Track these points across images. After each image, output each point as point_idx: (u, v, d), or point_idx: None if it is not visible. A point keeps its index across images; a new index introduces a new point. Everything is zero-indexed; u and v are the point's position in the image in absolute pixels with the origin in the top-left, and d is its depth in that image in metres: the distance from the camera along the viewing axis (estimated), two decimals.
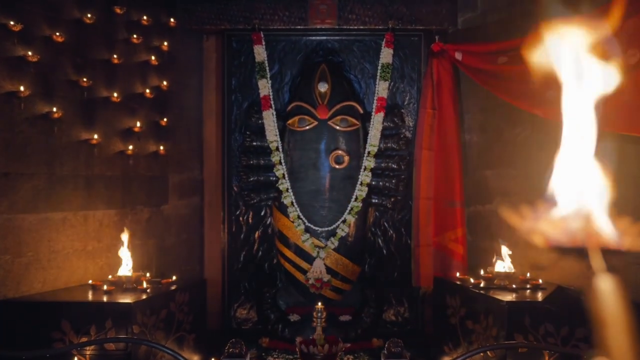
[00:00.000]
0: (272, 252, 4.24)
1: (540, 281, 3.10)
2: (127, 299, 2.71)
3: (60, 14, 3.09)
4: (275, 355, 3.67)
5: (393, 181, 4.07)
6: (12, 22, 2.80)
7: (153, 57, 3.70)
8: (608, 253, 0.64)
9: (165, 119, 3.82)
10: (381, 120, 3.98)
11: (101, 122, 3.33)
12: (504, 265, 3.25)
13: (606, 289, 0.62)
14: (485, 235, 3.80)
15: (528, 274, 3.21)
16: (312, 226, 3.92)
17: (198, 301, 3.36)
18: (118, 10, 3.44)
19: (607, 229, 0.62)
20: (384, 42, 4.02)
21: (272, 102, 4.02)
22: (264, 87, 4.01)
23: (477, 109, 3.95)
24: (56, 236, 3.02)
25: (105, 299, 2.77)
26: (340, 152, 3.90)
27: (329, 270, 3.90)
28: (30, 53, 2.87)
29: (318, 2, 4.00)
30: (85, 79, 3.18)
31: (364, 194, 3.94)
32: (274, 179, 4.02)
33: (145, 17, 3.63)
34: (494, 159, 3.79)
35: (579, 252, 0.64)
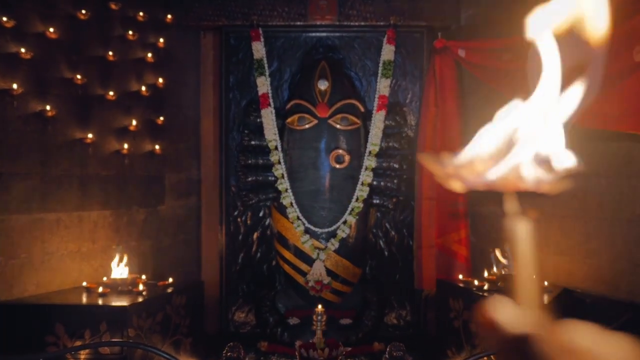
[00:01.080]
0: (271, 254, 4.25)
1: (546, 283, 3.10)
2: (122, 302, 2.71)
3: (55, 10, 3.09)
4: None
5: (395, 181, 4.07)
6: (4, 18, 2.80)
7: (149, 54, 3.70)
8: (526, 196, 0.65)
9: (161, 118, 3.82)
10: (382, 119, 3.98)
11: (96, 121, 3.33)
12: (507, 266, 3.25)
13: (518, 231, 0.64)
14: (489, 237, 3.80)
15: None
16: (311, 227, 3.92)
17: (195, 304, 3.36)
18: (113, 6, 3.44)
19: (526, 172, 0.63)
20: (385, 39, 4.02)
21: (271, 100, 4.02)
22: (263, 84, 4.01)
23: (481, 107, 3.95)
24: (50, 237, 3.03)
25: (100, 301, 2.77)
26: (340, 151, 3.90)
27: (329, 272, 3.90)
28: (23, 50, 2.87)
29: None
30: (79, 77, 3.18)
31: (365, 195, 3.94)
32: (273, 178, 4.02)
33: (141, 13, 3.63)
34: None
35: (495, 196, 0.65)
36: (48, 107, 3.00)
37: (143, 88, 3.65)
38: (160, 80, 3.80)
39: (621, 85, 2.57)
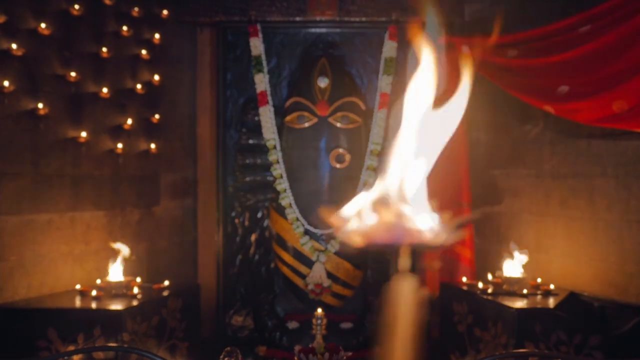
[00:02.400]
0: (270, 256, 4.24)
1: (552, 287, 3.10)
2: (116, 306, 2.71)
3: (47, 5, 3.09)
4: None
5: None
6: None
7: (144, 51, 3.69)
8: (422, 249, 0.71)
9: (156, 116, 3.81)
10: (384, 117, 3.98)
11: (89, 119, 3.33)
12: (513, 269, 3.24)
13: (405, 287, 0.69)
14: (494, 238, 3.80)
15: (539, 279, 3.21)
16: (311, 228, 3.91)
17: (191, 307, 3.36)
18: (107, 2, 3.43)
19: (423, 226, 0.68)
20: (387, 35, 4.01)
21: (269, 98, 4.01)
22: (261, 82, 4.01)
23: (485, 105, 3.95)
24: (41, 239, 3.02)
25: (93, 305, 2.76)
26: (341, 150, 3.90)
27: (329, 275, 3.90)
28: (14, 46, 2.86)
29: None
30: (72, 74, 3.17)
31: None
32: (272, 178, 4.01)
33: (135, 9, 3.63)
34: (503, 158, 3.79)
35: (392, 250, 0.69)
36: (40, 105, 2.99)
37: (138, 85, 3.65)
38: (156, 77, 3.79)
39: (629, 82, 2.56)
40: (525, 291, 3.00)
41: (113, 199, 3.49)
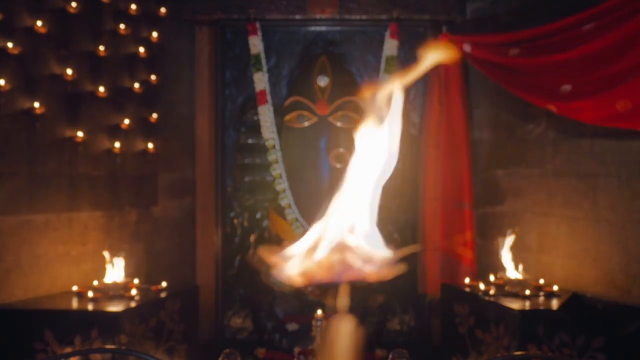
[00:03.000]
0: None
1: (555, 288, 3.10)
2: (114, 307, 2.71)
3: (43, 3, 3.09)
4: None
5: (397, 182, 4.07)
6: None
7: (142, 49, 3.69)
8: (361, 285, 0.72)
9: (154, 115, 3.81)
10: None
11: (86, 118, 3.33)
12: (514, 269, 3.25)
13: (343, 327, 0.70)
14: (496, 239, 3.79)
15: (541, 281, 3.21)
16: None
17: (190, 309, 3.36)
18: None
19: (363, 263, 0.69)
20: (388, 33, 4.01)
21: (268, 97, 4.01)
22: (260, 80, 4.01)
23: (487, 105, 3.95)
24: (38, 240, 3.02)
25: (90, 307, 2.76)
26: (341, 150, 3.90)
27: None
28: (10, 45, 2.86)
29: None
30: (69, 72, 3.17)
31: None
32: (271, 178, 4.01)
33: (133, 6, 3.63)
34: (506, 158, 3.79)
35: (333, 288, 0.71)
36: (36, 104, 2.99)
37: (135, 84, 3.65)
38: (153, 76, 3.79)
39: (633, 80, 2.56)
40: (527, 292, 3.00)
41: (110, 199, 3.49)
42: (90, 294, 2.91)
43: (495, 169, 3.87)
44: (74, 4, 3.21)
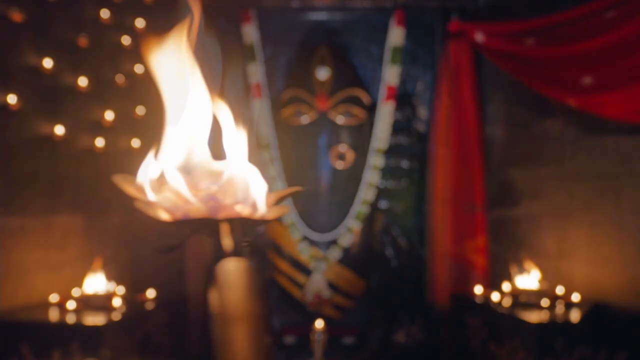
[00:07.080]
0: (264, 265, 4.24)
1: (575, 297, 3.10)
2: (96, 319, 2.70)
3: None
4: None
5: (404, 182, 4.06)
6: None
7: (126, 39, 3.69)
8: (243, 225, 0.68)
9: (140, 110, 3.81)
10: (390, 112, 3.97)
11: (66, 114, 3.32)
12: (530, 279, 3.24)
13: (232, 273, 0.65)
14: (511, 244, 3.79)
15: (561, 289, 3.20)
16: (310, 234, 3.91)
17: (179, 321, 3.36)
18: None
19: (247, 196, 0.66)
20: (393, 21, 4.01)
21: (263, 90, 4.01)
22: (255, 72, 4.01)
23: (501, 99, 3.95)
24: (13, 246, 3.01)
25: (70, 319, 2.76)
26: (342, 148, 3.90)
27: (329, 284, 3.90)
28: None
29: None
30: (47, 64, 3.17)
31: (370, 197, 3.94)
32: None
33: None
34: (521, 156, 3.79)
35: (209, 226, 0.67)
36: (11, 99, 2.99)
37: (119, 77, 3.65)
38: (139, 68, 3.79)
39: None
40: (545, 303, 3.00)
41: (92, 201, 3.49)
42: (70, 304, 2.91)
43: (509, 169, 3.86)
44: None
